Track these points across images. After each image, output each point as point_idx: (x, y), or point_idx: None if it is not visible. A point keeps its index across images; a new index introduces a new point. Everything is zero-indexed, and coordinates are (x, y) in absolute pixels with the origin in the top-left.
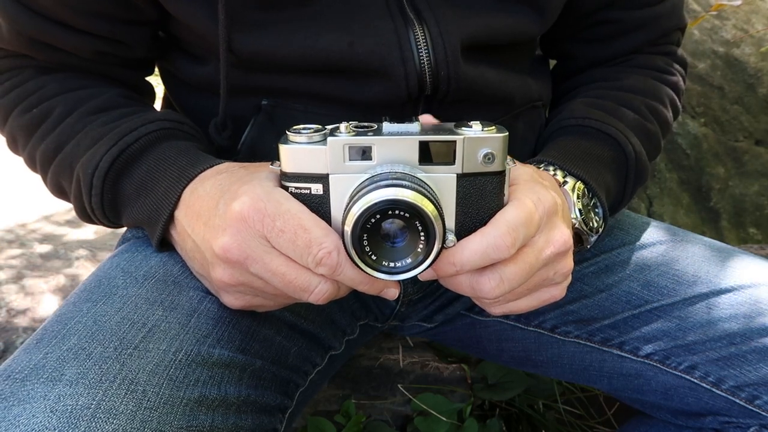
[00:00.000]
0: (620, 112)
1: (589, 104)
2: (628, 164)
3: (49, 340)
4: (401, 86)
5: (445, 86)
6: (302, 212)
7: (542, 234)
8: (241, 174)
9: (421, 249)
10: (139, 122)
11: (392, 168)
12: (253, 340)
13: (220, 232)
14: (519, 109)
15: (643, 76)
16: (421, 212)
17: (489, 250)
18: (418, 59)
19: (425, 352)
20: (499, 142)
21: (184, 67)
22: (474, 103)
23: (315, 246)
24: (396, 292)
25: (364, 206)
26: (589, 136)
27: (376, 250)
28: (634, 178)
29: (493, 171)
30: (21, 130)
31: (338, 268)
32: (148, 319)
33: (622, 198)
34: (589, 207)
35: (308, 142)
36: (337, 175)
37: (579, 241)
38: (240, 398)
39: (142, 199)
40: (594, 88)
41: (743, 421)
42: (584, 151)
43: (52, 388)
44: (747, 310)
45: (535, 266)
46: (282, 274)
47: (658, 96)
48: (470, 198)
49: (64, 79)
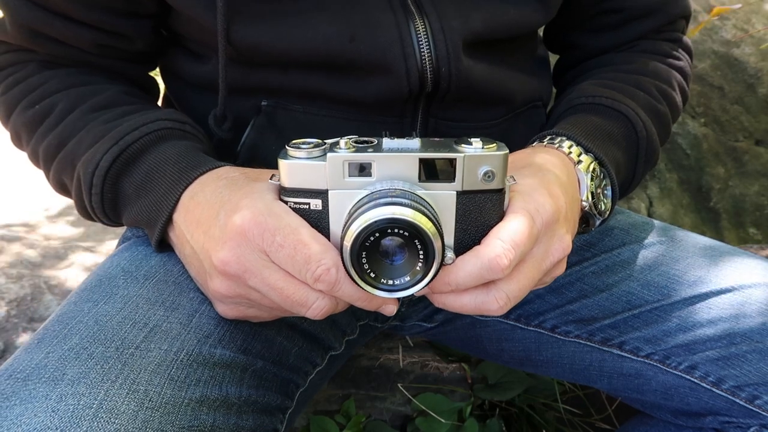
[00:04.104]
0: (631, 92)
1: (599, 84)
2: (639, 143)
3: (50, 340)
4: (402, 82)
5: (446, 83)
6: (302, 227)
7: (542, 244)
8: (241, 182)
9: (420, 267)
10: (140, 121)
11: (392, 185)
12: (255, 341)
13: (219, 244)
14: (520, 108)
15: (651, 60)
16: (421, 231)
17: (484, 271)
18: (419, 54)
19: (425, 352)
20: (499, 160)
21: (184, 65)
22: (474, 102)
23: (314, 262)
24: (394, 309)
25: (364, 224)
26: (600, 114)
27: (374, 268)
28: (644, 159)
29: (493, 189)
30: (24, 125)
31: (336, 285)
32: (149, 319)
33: (632, 179)
34: (600, 188)
35: (308, 158)
36: (336, 191)
37: (585, 223)
38: (241, 398)
39: (141, 200)
40: (603, 71)
41: (743, 420)
42: (596, 127)
43: (53, 387)
44: (747, 310)
45: (536, 278)
46: (280, 289)
47: (666, 79)
48: (470, 215)
49: (67, 74)
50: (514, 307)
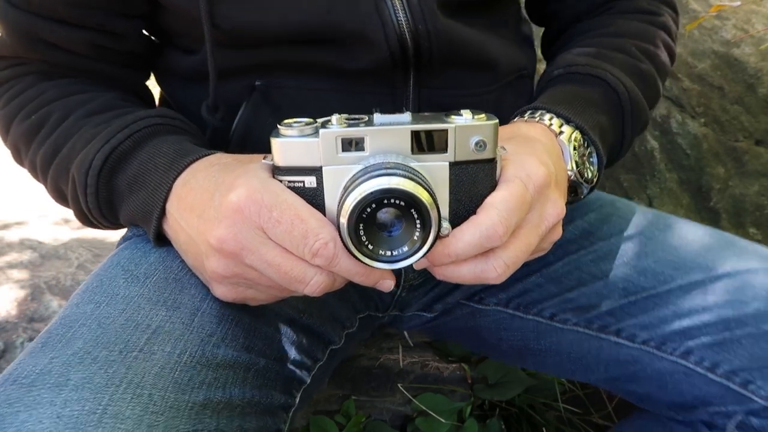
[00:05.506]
0: (608, 56)
1: (576, 54)
2: (622, 104)
3: (54, 344)
4: (383, 48)
5: (426, 42)
6: (298, 203)
7: (536, 210)
8: (234, 166)
9: (417, 237)
10: (130, 119)
11: (385, 158)
12: (256, 338)
13: (215, 223)
14: (507, 77)
15: (629, 20)
16: (417, 200)
17: (482, 240)
18: (395, 18)
19: (425, 352)
20: (490, 130)
21: (176, 61)
22: (459, 66)
23: (311, 237)
24: (391, 284)
25: (360, 196)
26: (577, 82)
27: (372, 240)
28: (631, 121)
29: (485, 158)
30: (21, 137)
31: (335, 259)
32: (152, 320)
33: (622, 142)
34: (585, 157)
35: (300, 135)
36: (330, 167)
37: (574, 192)
38: (244, 400)
39: (135, 195)
40: (581, 39)
41: (732, 407)
42: (573, 95)
43: (58, 393)
44: (742, 296)
45: (533, 244)
46: (277, 265)
47: (647, 37)
48: (463, 186)
49: (65, 84)
50: (513, 296)
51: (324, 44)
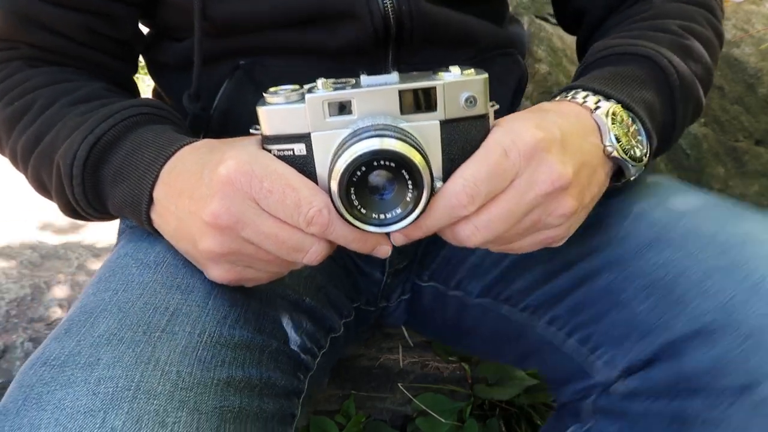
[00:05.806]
0: (648, 35)
1: (610, 38)
2: (670, 81)
3: (78, 329)
4: (368, 25)
5: (409, 22)
6: (289, 172)
7: (523, 176)
8: (220, 146)
9: (410, 198)
10: (116, 108)
11: (374, 120)
12: (265, 320)
13: (207, 200)
14: (488, 53)
15: (667, 2)
16: (407, 160)
17: (449, 210)
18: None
19: (425, 352)
20: (480, 84)
21: (167, 50)
22: (438, 44)
23: (305, 205)
24: (388, 249)
25: (350, 158)
26: (618, 61)
27: (365, 204)
28: (683, 98)
29: (476, 115)
30: (3, 124)
31: (329, 226)
32: (169, 303)
33: (674, 121)
34: (630, 134)
35: (286, 102)
36: (318, 133)
37: (621, 173)
38: (262, 380)
39: (121, 184)
40: (617, 28)
41: (591, 381)
42: (612, 73)
43: (91, 372)
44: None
45: (517, 212)
46: (274, 236)
47: (690, 17)
48: (455, 144)
49: (51, 72)
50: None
51: (313, 23)
